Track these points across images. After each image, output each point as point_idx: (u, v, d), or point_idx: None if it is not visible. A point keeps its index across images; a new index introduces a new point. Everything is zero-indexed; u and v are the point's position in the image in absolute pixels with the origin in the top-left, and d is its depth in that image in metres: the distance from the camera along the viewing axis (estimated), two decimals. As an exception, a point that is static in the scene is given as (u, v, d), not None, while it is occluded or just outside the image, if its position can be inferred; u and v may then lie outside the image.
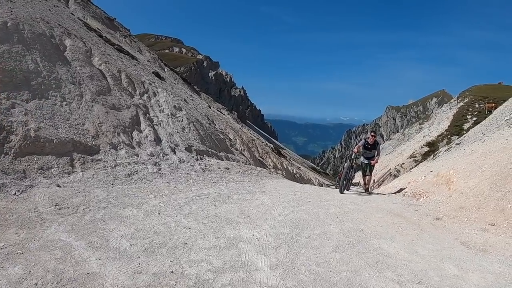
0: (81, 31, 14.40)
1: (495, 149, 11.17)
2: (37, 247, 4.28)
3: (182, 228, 5.57)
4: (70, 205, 5.84)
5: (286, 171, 22.47)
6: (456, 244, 6.15)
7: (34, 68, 9.09)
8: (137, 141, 10.00)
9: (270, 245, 5.22)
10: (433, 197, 10.02)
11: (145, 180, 8.24)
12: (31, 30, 10.06)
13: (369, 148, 12.91)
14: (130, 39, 31.34)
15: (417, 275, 4.64)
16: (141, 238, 4.93)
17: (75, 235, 4.77)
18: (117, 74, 12.46)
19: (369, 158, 13.03)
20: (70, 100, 9.26)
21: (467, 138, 28.32)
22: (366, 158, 13.03)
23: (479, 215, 7.65)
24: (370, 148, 12.90)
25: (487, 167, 9.56)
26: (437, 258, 5.34)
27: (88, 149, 8.33)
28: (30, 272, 3.67)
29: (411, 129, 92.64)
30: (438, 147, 49.17)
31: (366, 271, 4.66)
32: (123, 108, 10.84)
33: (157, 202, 6.80)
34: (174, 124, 12.39)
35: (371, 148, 12.90)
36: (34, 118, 7.85)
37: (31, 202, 5.70)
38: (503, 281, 4.62)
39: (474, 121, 55.04)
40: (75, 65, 10.80)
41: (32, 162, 6.96)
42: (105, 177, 7.66)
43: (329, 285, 4.16)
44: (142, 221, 5.66)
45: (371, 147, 12.89)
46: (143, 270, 3.99)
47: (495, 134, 16.94)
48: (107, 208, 6.03)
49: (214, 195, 8.06)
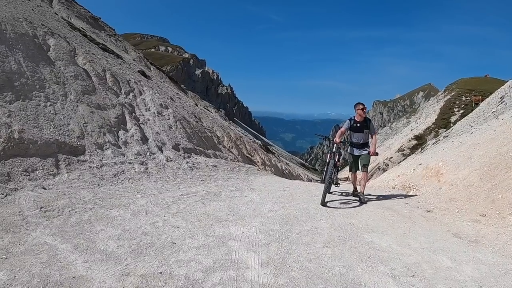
0: (65, 31, 14.20)
1: (484, 141, 11.23)
2: (22, 251, 4.17)
3: (170, 227, 5.48)
4: (56, 208, 5.72)
5: (275, 167, 22.45)
6: (449, 236, 6.17)
7: (17, 69, 8.93)
8: (123, 141, 9.88)
9: (260, 242, 5.16)
10: (423, 190, 10.06)
11: (132, 180, 8.14)
12: (13, 30, 9.89)
13: (358, 129, 9.05)
14: (115, 38, 31.06)
15: (410, 268, 4.62)
16: (128, 239, 4.83)
17: (61, 238, 4.65)
18: (102, 73, 12.30)
19: (361, 147, 9.14)
20: (54, 101, 9.11)
21: (454, 131, 28.55)
22: (358, 147, 9.16)
23: (470, 206, 7.67)
24: (360, 128, 9.05)
25: (476, 158, 9.61)
26: (430, 250, 5.34)
27: (74, 150, 8.20)
28: (15, 278, 3.56)
29: (399, 123, 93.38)
30: (426, 140, 49.61)
31: (359, 266, 4.62)
32: (108, 108, 10.70)
33: (145, 202, 6.70)
34: (161, 123, 12.28)
35: (361, 128, 9.04)
36: (18, 120, 7.71)
37: (16, 206, 5.57)
38: (497, 272, 4.63)
39: (461, 113, 55.61)
40: (59, 65, 10.63)
41: (16, 165, 6.82)
42: (91, 178, 7.54)
43: (321, 281, 4.11)
44: (129, 221, 5.56)
45: (361, 126, 9.03)
46: (130, 271, 3.90)
47: (483, 125, 17.08)
48: (93, 209, 5.92)
49: (203, 193, 7.98)
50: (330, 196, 9.13)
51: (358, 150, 9.15)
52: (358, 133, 9.10)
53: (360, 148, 9.14)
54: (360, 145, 9.16)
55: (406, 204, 8.91)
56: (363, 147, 9.14)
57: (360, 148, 9.14)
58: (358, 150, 9.15)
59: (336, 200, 8.86)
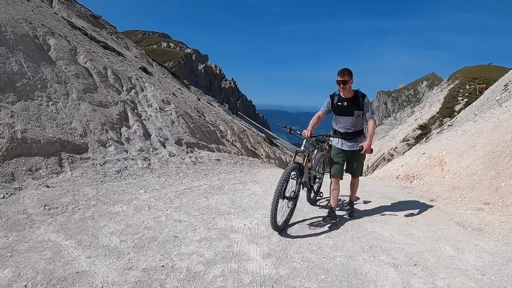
0: (65, 30, 14.26)
1: (487, 129, 11.19)
2: (27, 248, 4.22)
3: (172, 221, 5.52)
4: (59, 205, 5.77)
5: (279, 160, 22.49)
6: (451, 225, 6.15)
7: (19, 70, 8.97)
8: (126, 137, 9.91)
9: (262, 234, 5.19)
10: (426, 179, 10.05)
11: (135, 176, 8.18)
12: (13, 31, 9.93)
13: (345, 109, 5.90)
14: (117, 36, 31.13)
15: (412, 257, 4.64)
16: (131, 234, 4.88)
17: (65, 234, 4.71)
18: (103, 71, 12.34)
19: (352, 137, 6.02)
20: (56, 100, 9.16)
21: (459, 120, 28.42)
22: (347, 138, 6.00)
23: (473, 194, 7.66)
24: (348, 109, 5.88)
25: (479, 147, 9.58)
26: (432, 239, 5.35)
27: (77, 148, 8.25)
28: (20, 274, 3.62)
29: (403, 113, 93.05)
30: (430, 129, 49.41)
31: (361, 255, 4.65)
32: (110, 105, 10.75)
33: (147, 197, 6.74)
34: (163, 118, 12.31)
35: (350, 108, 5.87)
36: (20, 120, 7.75)
37: (20, 204, 5.63)
38: (500, 260, 4.63)
39: (466, 102, 55.33)
40: (60, 64, 10.68)
41: (20, 164, 6.87)
42: (95, 175, 7.59)
43: (322, 271, 4.14)
44: (132, 216, 5.61)
45: (350, 105, 5.86)
46: (133, 266, 3.95)
47: (487, 113, 17.00)
48: (96, 205, 5.97)
49: (205, 187, 8.01)
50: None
51: (348, 142, 6.03)
52: (345, 117, 5.96)
53: (351, 140, 6.01)
54: (350, 135, 6.02)
55: (409, 193, 8.91)
56: (354, 137, 6.02)
57: (350, 140, 6.01)
58: (348, 143, 6.03)
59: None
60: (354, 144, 6.00)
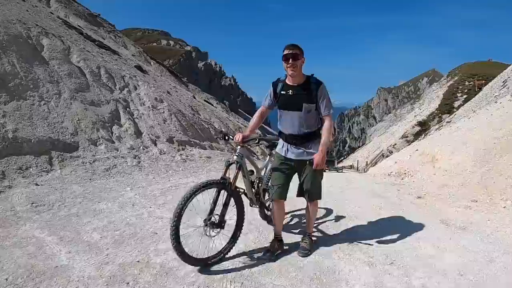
0: (60, 30, 14.30)
1: (480, 125, 11.26)
2: (11, 244, 4.37)
3: (154, 218, 5.65)
4: (46, 202, 5.92)
5: (275, 157, 22.52)
6: (435, 223, 6.15)
7: (11, 70, 9.05)
8: (117, 136, 10.02)
9: (243, 231, 5.24)
10: (417, 176, 10.11)
11: (124, 173, 8.31)
12: (6, 32, 9.99)
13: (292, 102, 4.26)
14: (115, 34, 31.09)
15: (389, 256, 4.58)
16: (112, 230, 5.01)
17: (48, 231, 4.85)
18: (96, 70, 12.41)
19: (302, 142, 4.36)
20: (48, 99, 9.25)
21: (457, 116, 28.43)
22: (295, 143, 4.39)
23: (462, 192, 7.71)
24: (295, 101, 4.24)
25: (471, 143, 9.61)
26: (413, 238, 5.31)
27: (67, 147, 8.36)
28: (2, 268, 3.76)
29: (403, 110, 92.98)
30: (429, 126, 49.41)
31: (336, 253, 4.64)
32: (102, 104, 10.84)
33: (133, 194, 6.87)
34: (155, 116, 12.41)
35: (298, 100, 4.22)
36: (12, 120, 7.86)
37: (9, 202, 5.78)
38: (482, 260, 4.56)
39: (465, 98, 55.32)
40: (53, 64, 10.75)
41: (11, 163, 6.99)
42: (83, 173, 7.71)
43: (294, 268, 4.19)
44: (116, 213, 5.74)
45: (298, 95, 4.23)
46: (110, 260, 4.08)
47: (482, 110, 17.01)
48: (82, 203, 6.12)
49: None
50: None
51: (295, 149, 4.41)
52: (291, 112, 4.31)
53: (299, 146, 4.38)
54: (297, 138, 4.38)
55: (397, 190, 8.95)
56: (304, 142, 4.38)
57: (299, 146, 4.39)
58: (295, 150, 4.41)
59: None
60: (303, 152, 4.37)
